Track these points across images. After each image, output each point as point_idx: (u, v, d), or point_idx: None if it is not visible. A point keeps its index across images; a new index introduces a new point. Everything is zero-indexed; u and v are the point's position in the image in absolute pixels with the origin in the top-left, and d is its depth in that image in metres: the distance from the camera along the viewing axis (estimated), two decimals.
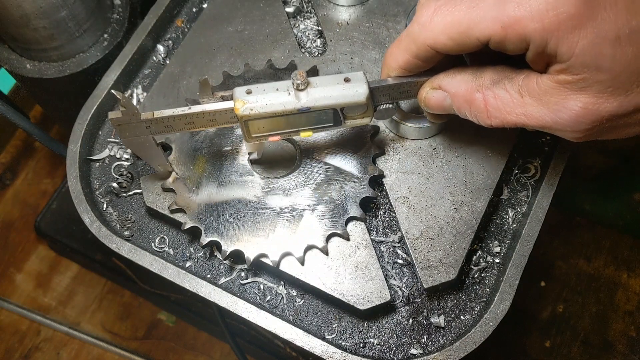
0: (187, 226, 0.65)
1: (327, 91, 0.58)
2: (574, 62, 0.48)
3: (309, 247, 0.64)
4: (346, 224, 0.65)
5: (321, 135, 0.69)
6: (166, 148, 0.70)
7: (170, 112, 0.59)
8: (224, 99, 0.61)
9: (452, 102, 0.59)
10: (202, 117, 0.59)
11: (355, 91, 0.59)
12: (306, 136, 0.62)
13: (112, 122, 0.58)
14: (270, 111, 0.58)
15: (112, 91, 0.56)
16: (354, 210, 0.65)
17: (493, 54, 0.55)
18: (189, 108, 0.59)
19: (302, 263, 0.64)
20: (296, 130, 0.61)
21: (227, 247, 0.64)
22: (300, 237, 0.64)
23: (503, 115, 0.55)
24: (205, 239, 0.64)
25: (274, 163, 0.69)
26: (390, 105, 0.63)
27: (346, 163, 0.67)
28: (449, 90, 0.58)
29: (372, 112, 0.62)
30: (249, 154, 0.68)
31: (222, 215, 0.65)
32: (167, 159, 0.66)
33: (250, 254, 0.64)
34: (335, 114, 0.60)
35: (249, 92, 0.58)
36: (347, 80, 0.59)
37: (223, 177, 0.67)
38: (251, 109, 0.58)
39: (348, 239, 0.65)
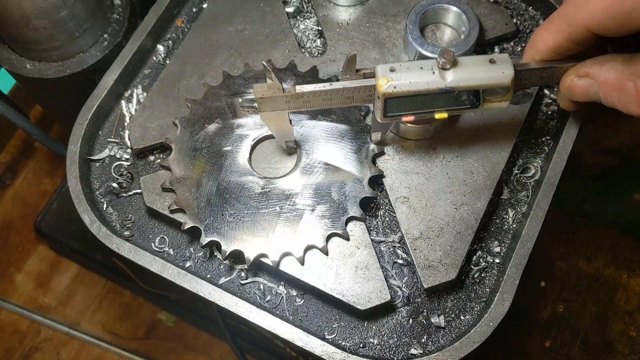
0: (187, 226, 0.65)
1: (472, 71, 0.58)
2: None
3: (309, 247, 0.64)
4: (346, 224, 0.65)
5: (321, 135, 0.69)
6: (166, 148, 0.71)
7: (312, 88, 0.59)
8: (365, 76, 0.61)
9: (599, 90, 0.56)
10: (341, 94, 0.60)
11: (501, 73, 0.58)
12: (440, 118, 0.61)
13: (256, 94, 0.59)
14: (413, 90, 0.58)
15: (263, 62, 0.57)
16: (354, 210, 0.65)
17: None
18: (330, 84, 0.59)
19: (302, 263, 0.64)
20: (432, 111, 0.60)
21: (227, 247, 0.64)
22: (300, 237, 0.64)
23: None
24: (205, 239, 0.64)
25: (273, 163, 0.69)
26: (528, 91, 0.61)
27: (346, 163, 0.67)
28: (597, 78, 0.56)
29: (512, 95, 0.60)
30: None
31: (222, 215, 0.65)
32: (294, 137, 0.67)
33: (250, 254, 0.64)
34: (475, 96, 0.59)
35: (392, 70, 0.58)
36: (492, 61, 0.58)
37: (223, 177, 0.67)
38: (394, 87, 0.57)
39: (348, 239, 0.65)
